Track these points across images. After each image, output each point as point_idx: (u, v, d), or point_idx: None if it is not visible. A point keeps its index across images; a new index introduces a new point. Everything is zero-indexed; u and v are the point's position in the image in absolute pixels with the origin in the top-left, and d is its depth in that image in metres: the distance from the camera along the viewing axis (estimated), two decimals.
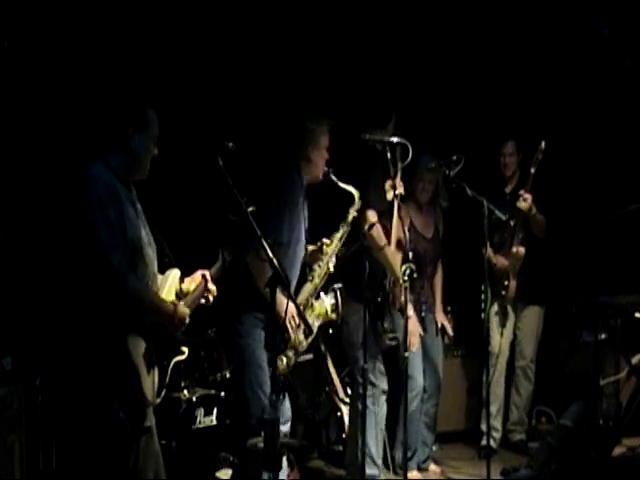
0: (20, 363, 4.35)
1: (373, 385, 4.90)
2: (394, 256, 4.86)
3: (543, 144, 5.44)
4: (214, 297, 3.72)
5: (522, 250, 5.70)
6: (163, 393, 3.52)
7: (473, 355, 6.14)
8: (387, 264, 4.86)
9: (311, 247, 4.56)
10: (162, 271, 3.63)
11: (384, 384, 4.99)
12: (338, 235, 4.56)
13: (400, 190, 4.78)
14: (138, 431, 3.43)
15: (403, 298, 4.77)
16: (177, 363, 3.60)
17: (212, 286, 3.70)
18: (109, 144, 3.45)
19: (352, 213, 4.58)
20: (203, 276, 3.68)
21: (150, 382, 3.41)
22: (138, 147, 3.44)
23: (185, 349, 3.60)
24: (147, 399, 3.39)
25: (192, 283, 3.67)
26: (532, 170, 5.52)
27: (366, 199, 4.63)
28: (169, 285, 3.59)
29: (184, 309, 3.52)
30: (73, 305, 3.46)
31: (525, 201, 5.58)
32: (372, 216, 4.73)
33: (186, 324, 3.53)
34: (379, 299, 4.94)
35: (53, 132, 4.79)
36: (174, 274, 3.64)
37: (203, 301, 3.69)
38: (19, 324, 4.46)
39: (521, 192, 5.60)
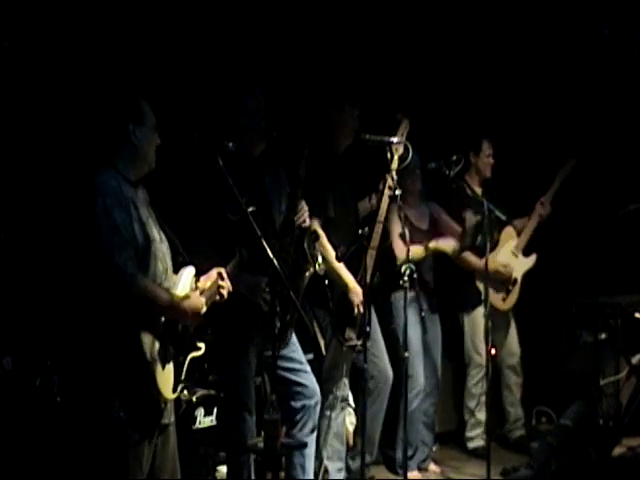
0: (20, 363, 4.36)
1: (331, 393, 4.88)
2: (340, 267, 4.72)
3: (573, 161, 5.44)
4: (228, 292, 3.73)
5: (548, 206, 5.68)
6: (179, 389, 3.51)
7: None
8: (336, 275, 4.73)
9: None
10: (176, 270, 3.63)
11: (343, 391, 4.94)
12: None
13: (398, 191, 4.75)
14: (153, 429, 3.43)
15: (402, 299, 4.78)
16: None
17: (225, 282, 3.71)
18: (112, 144, 3.47)
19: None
20: (219, 274, 3.71)
21: (166, 378, 3.41)
22: (141, 141, 3.47)
23: (202, 345, 3.61)
24: (163, 395, 3.40)
25: (207, 281, 3.70)
26: (556, 184, 5.53)
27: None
28: (183, 282, 3.60)
29: (198, 300, 3.52)
30: (83, 305, 3.47)
31: (544, 208, 5.58)
32: (317, 226, 4.62)
33: (201, 316, 3.53)
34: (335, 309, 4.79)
35: (52, 132, 4.79)
36: (188, 271, 3.65)
37: (218, 297, 3.71)
38: (19, 324, 4.46)
39: (542, 200, 5.60)
